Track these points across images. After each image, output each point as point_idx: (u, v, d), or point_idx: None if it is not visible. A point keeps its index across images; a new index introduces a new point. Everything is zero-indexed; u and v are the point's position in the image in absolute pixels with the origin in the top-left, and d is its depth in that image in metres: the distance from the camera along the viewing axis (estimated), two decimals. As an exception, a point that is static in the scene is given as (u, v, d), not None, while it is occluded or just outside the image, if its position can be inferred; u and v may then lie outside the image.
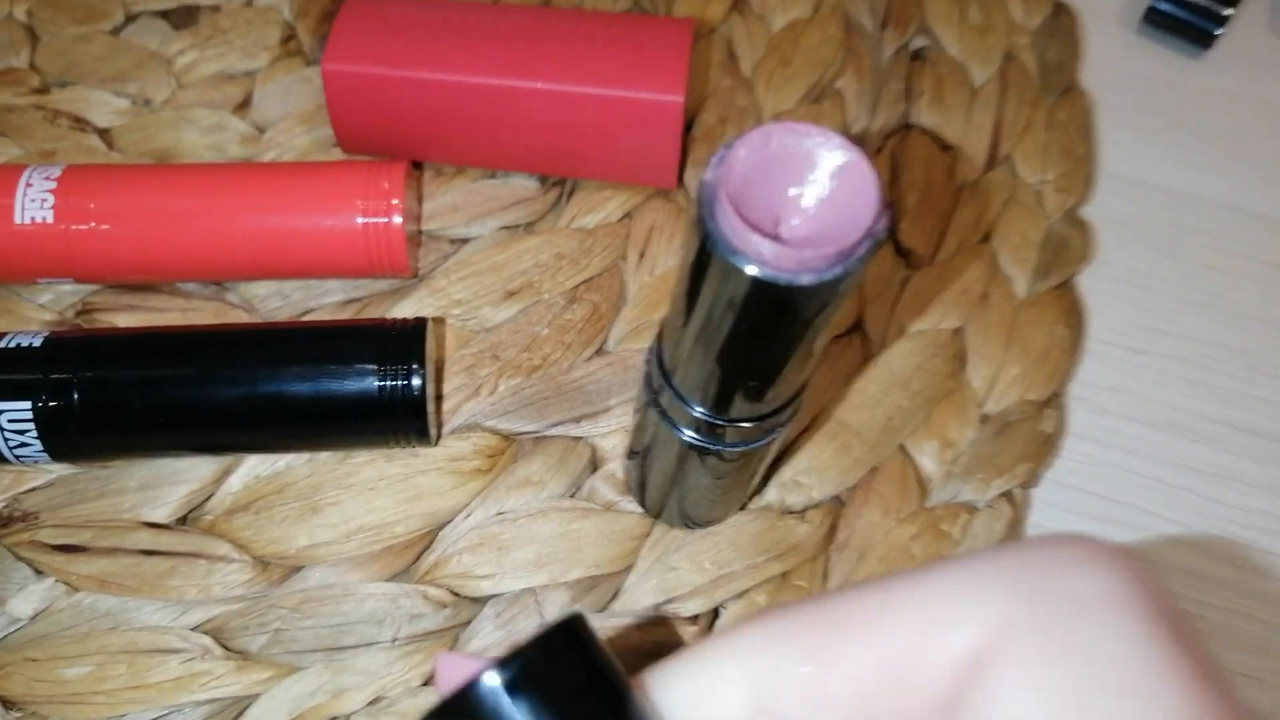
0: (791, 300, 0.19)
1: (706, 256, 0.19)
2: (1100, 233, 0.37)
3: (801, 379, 0.24)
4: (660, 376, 0.24)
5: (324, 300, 0.33)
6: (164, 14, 0.39)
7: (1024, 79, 0.40)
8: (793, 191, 0.19)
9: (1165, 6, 0.42)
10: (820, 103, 0.38)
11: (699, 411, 0.24)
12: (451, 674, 0.14)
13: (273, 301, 0.33)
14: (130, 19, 0.39)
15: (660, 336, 0.24)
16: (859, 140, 0.35)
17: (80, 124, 0.36)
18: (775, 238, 0.18)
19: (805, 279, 0.18)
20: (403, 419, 0.28)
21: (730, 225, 0.18)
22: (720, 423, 0.24)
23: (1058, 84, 0.40)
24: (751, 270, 0.18)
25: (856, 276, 0.19)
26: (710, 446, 0.25)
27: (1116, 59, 0.42)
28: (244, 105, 0.37)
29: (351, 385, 0.27)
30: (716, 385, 0.23)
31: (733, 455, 0.25)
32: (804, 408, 0.26)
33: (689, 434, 0.24)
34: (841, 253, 0.18)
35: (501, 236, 0.34)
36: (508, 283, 0.33)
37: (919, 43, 0.41)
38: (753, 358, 0.21)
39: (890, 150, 0.37)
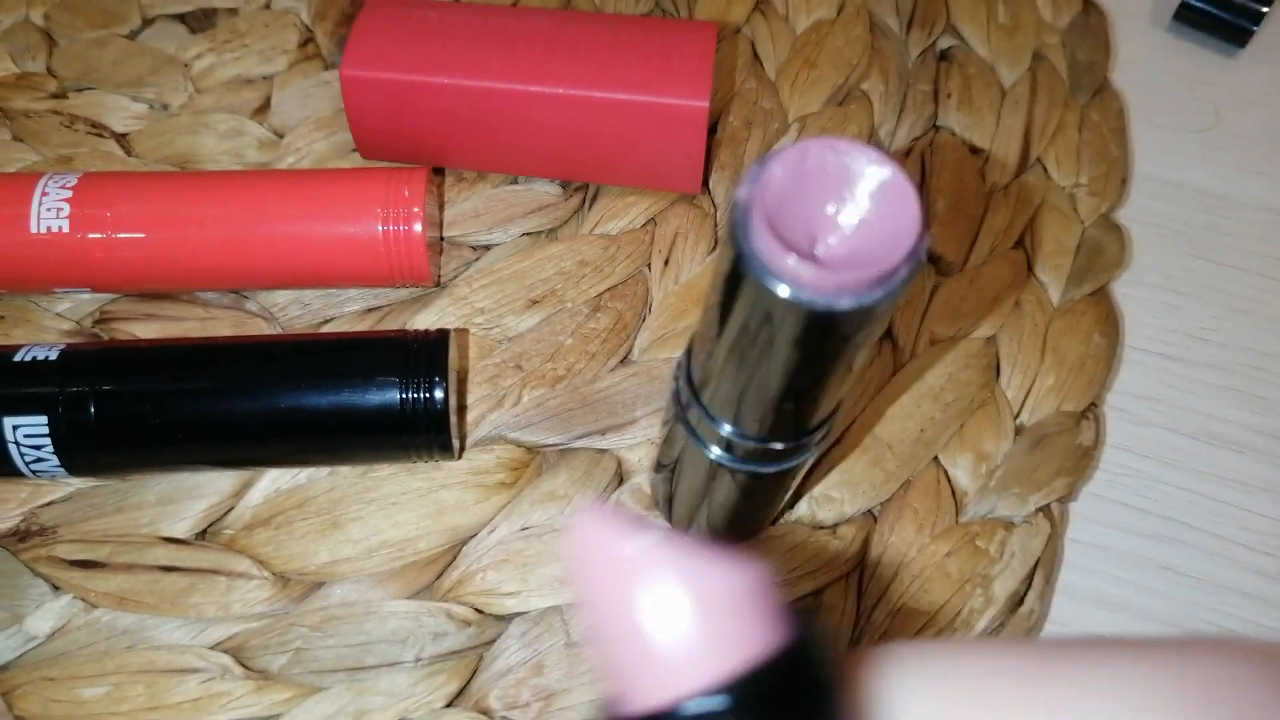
0: (828, 324, 0.18)
1: (739, 276, 0.18)
2: (1136, 237, 0.36)
3: (835, 401, 0.23)
4: (689, 393, 0.23)
5: (344, 309, 0.32)
6: (181, 17, 0.39)
7: (1054, 80, 0.39)
8: (830, 210, 0.18)
9: (1199, 3, 0.41)
10: (846, 105, 0.38)
11: (728, 431, 0.23)
12: (596, 545, 0.11)
13: (292, 310, 0.32)
14: (147, 22, 0.38)
15: (689, 351, 0.23)
16: (897, 155, 0.34)
17: (97, 129, 0.36)
18: (811, 258, 0.17)
19: (844, 303, 0.17)
20: (425, 432, 0.27)
21: (765, 246, 0.17)
22: (751, 442, 0.23)
23: (1089, 84, 0.39)
24: (787, 293, 0.17)
25: (897, 300, 0.18)
26: (740, 466, 0.24)
27: (1149, 58, 0.41)
28: (262, 110, 0.36)
29: (373, 398, 0.27)
30: (747, 405, 0.22)
31: (763, 475, 0.24)
32: (836, 425, 0.25)
33: (718, 453, 0.24)
34: (882, 275, 0.17)
35: (524, 243, 0.34)
36: (530, 291, 0.33)
37: (946, 43, 0.40)
38: (786, 380, 0.21)
39: (919, 154, 0.37)
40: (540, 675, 0.27)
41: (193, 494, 0.29)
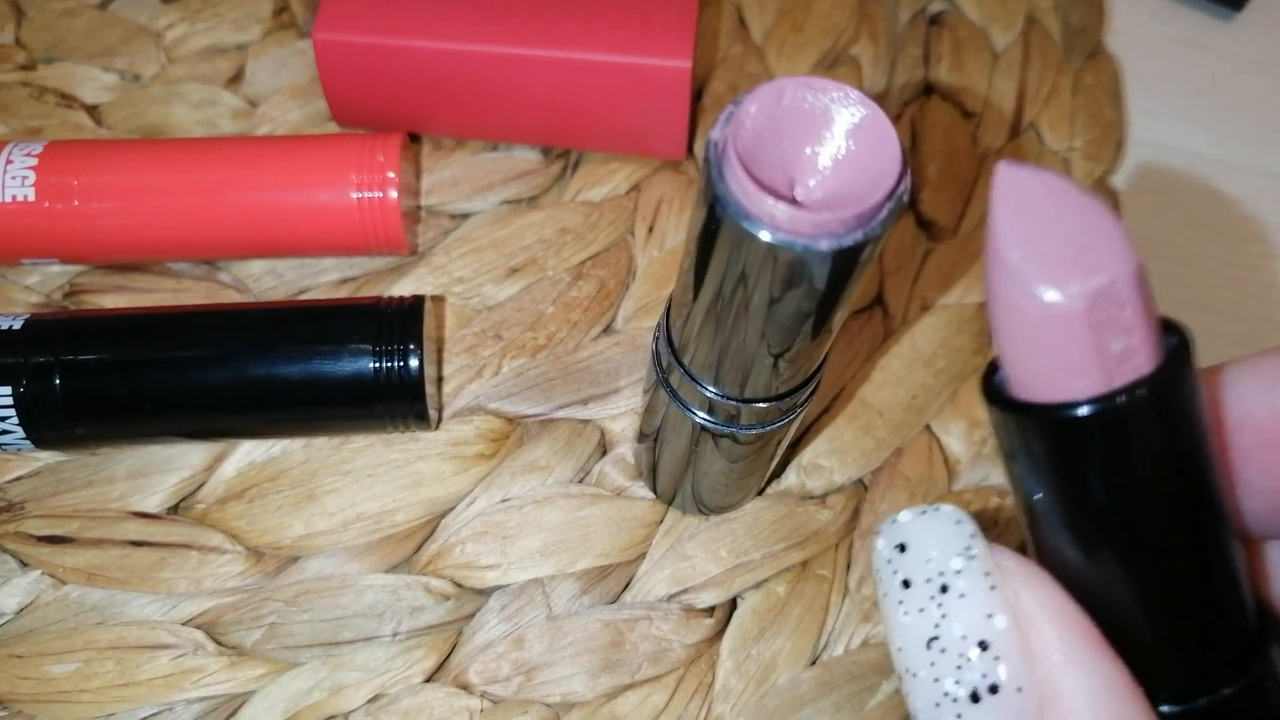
0: (809, 268, 0.17)
1: (716, 222, 0.17)
2: (1131, 202, 0.35)
3: (820, 356, 0.22)
4: (670, 355, 0.22)
5: (319, 279, 0.31)
6: (153, -13, 0.38)
7: (1047, 43, 0.38)
8: (808, 150, 0.18)
9: (1195, -33, 0.40)
10: (835, 69, 0.37)
11: (712, 391, 0.22)
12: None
13: (266, 281, 0.32)
14: (118, -8, 0.37)
15: (668, 312, 0.23)
16: (878, 98, 0.33)
17: (67, 101, 0.35)
18: (790, 200, 0.17)
19: (824, 244, 0.17)
20: (400, 401, 0.26)
21: (741, 187, 0.16)
22: (734, 403, 0.22)
23: (1083, 48, 0.38)
24: (765, 236, 0.16)
25: (878, 243, 0.17)
26: (724, 429, 0.23)
27: (1143, 22, 0.40)
28: (236, 79, 0.36)
29: (346, 367, 0.26)
30: (729, 363, 0.21)
31: (748, 438, 0.24)
32: (823, 386, 0.25)
33: (701, 415, 0.23)
34: (862, 216, 0.17)
35: (504, 211, 0.33)
36: (510, 259, 0.32)
37: (936, 7, 0.39)
38: (768, 332, 0.20)
39: (910, 118, 0.36)
40: (521, 649, 0.26)
41: (164, 468, 0.28)
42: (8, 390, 0.26)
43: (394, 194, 0.29)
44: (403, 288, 0.31)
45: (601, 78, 0.31)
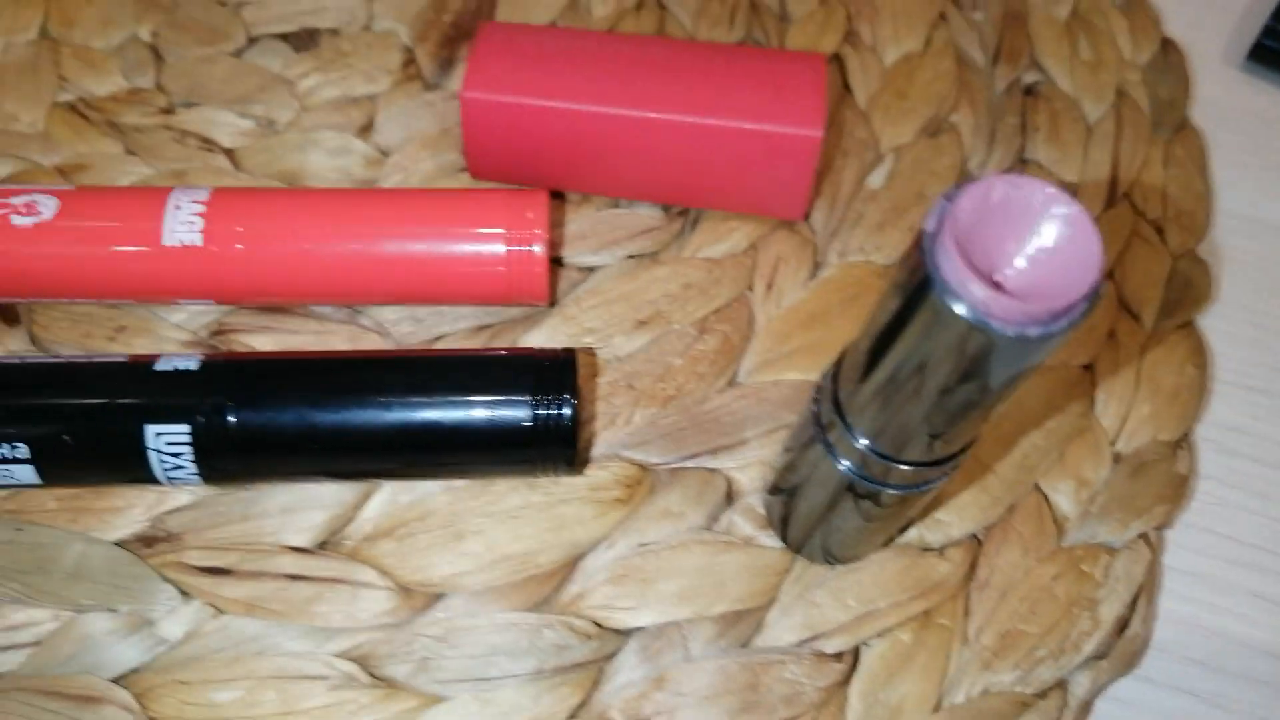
0: (1008, 352, 0.19)
1: (920, 302, 0.19)
2: (1218, 271, 0.37)
3: (979, 430, 0.24)
4: (833, 412, 0.24)
5: (456, 325, 0.33)
6: (284, 36, 0.39)
7: (1137, 115, 0.40)
8: (1012, 243, 0.19)
9: (1273, 44, 0.42)
10: (938, 137, 0.38)
11: (866, 446, 0.23)
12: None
13: (404, 325, 0.33)
14: (252, 41, 0.39)
15: (836, 372, 0.24)
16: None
17: (208, 145, 0.36)
18: (996, 288, 0.18)
19: (1032, 332, 0.18)
20: (554, 448, 0.28)
21: (956, 275, 0.18)
22: (888, 463, 0.24)
23: (1170, 121, 0.40)
24: (973, 319, 0.18)
25: (1072, 333, 0.19)
26: (870, 486, 0.25)
27: (1223, 95, 0.42)
28: (366, 129, 0.37)
29: (506, 414, 0.28)
30: (893, 429, 0.23)
31: (890, 499, 0.25)
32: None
33: (854, 472, 0.24)
34: (1068, 307, 0.18)
35: (629, 265, 0.35)
36: (637, 312, 0.33)
37: (1030, 78, 0.41)
38: (946, 406, 0.21)
39: (1010, 185, 0.37)
40: (661, 689, 0.28)
41: (314, 504, 0.30)
42: (185, 428, 0.27)
43: (540, 249, 0.31)
44: (536, 337, 0.33)
45: (734, 142, 0.32)
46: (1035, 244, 0.19)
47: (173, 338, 0.32)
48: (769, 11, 0.41)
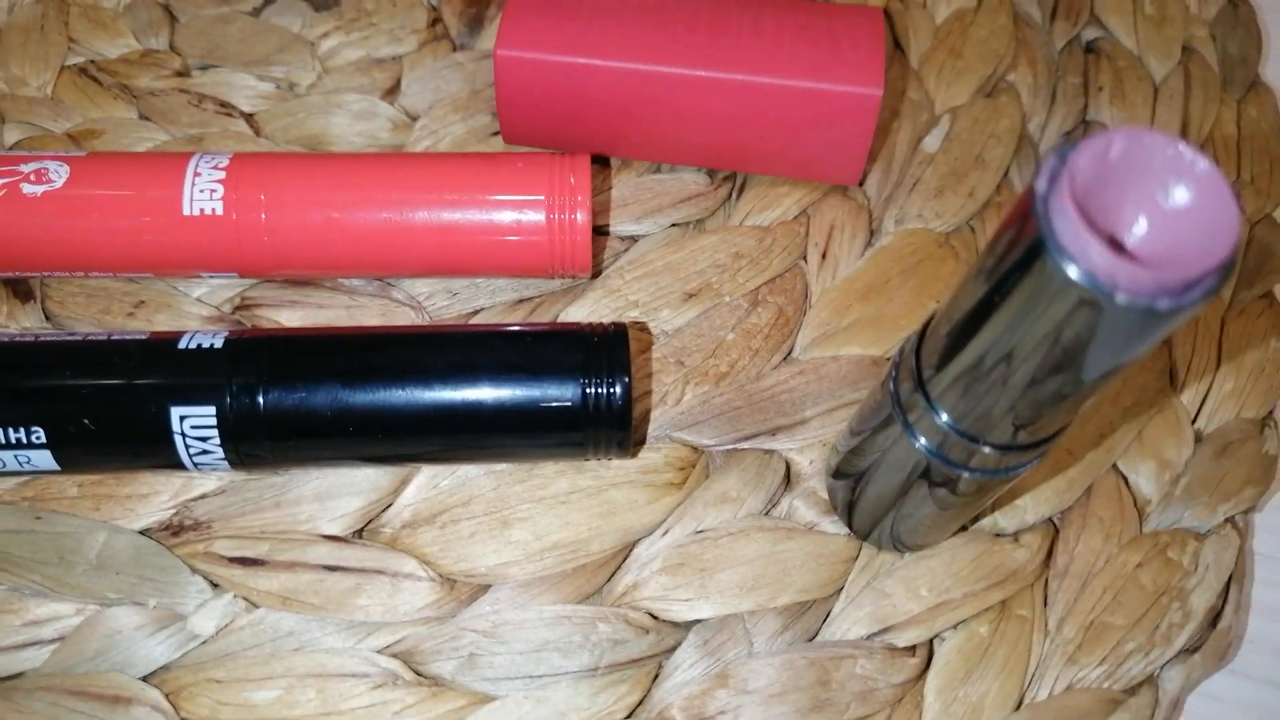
0: (1128, 326, 0.17)
1: (1027, 269, 0.17)
2: (1297, 238, 0.35)
3: (1075, 414, 0.22)
4: (914, 388, 0.22)
5: (494, 299, 0.31)
6: (303, -5, 0.37)
7: (1207, 73, 0.38)
8: (1132, 208, 0.17)
9: (1346, -2, 0.40)
10: (995, 97, 0.36)
11: (949, 425, 0.22)
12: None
13: (439, 299, 0.31)
14: (269, 0, 0.37)
15: (918, 346, 0.22)
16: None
17: (226, 109, 0.34)
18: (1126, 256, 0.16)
19: (1162, 304, 0.16)
20: (606, 429, 0.26)
21: (1073, 237, 0.16)
22: (974, 444, 0.22)
23: (1242, 79, 0.38)
24: (1095, 288, 0.16)
25: (1204, 307, 0.17)
26: (951, 470, 0.23)
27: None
28: (392, 91, 0.35)
29: (554, 393, 0.26)
30: (982, 407, 0.21)
31: (970, 484, 0.23)
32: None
33: (925, 445, 0.22)
34: (1204, 276, 0.16)
35: (674, 234, 0.32)
36: (685, 283, 0.31)
37: (1090, 34, 0.38)
38: (1048, 384, 0.19)
39: (1075, 148, 0.35)
40: (725, 686, 0.26)
41: (350, 490, 0.28)
42: (211, 410, 0.25)
43: (583, 216, 0.29)
44: (579, 310, 0.31)
45: (788, 102, 0.30)
46: (1161, 206, 0.17)
47: (194, 313, 0.30)
48: (815, -35, 0.39)
